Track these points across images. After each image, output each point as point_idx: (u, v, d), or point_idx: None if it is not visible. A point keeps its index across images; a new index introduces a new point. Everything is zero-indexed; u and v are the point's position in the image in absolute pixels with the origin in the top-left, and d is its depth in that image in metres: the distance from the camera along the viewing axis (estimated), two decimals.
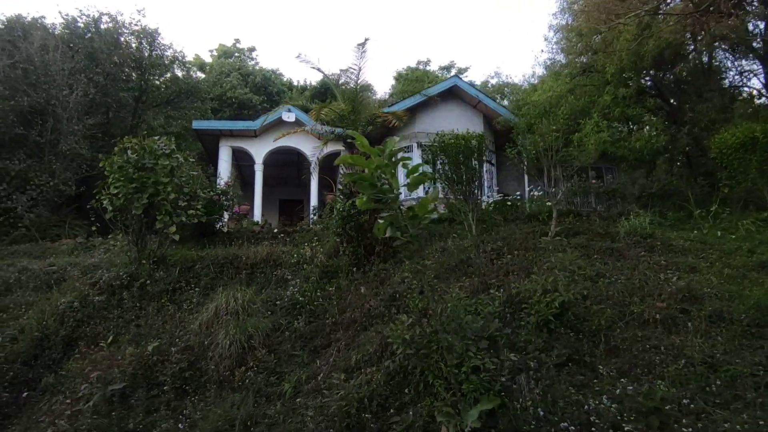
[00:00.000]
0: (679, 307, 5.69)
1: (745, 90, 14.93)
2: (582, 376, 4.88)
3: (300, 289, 7.24)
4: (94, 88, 16.83)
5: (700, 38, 12.13)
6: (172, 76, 21.97)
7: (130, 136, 8.75)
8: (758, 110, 12.25)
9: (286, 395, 5.45)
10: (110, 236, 8.97)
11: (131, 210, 8.01)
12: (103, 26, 18.79)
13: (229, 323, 6.54)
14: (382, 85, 44.77)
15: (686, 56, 12.31)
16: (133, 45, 19.78)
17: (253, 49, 36.38)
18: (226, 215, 11.81)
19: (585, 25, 12.84)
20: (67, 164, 15.00)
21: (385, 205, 1.79)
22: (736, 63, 15.01)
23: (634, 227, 7.91)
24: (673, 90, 14.38)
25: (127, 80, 18.95)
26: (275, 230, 9.97)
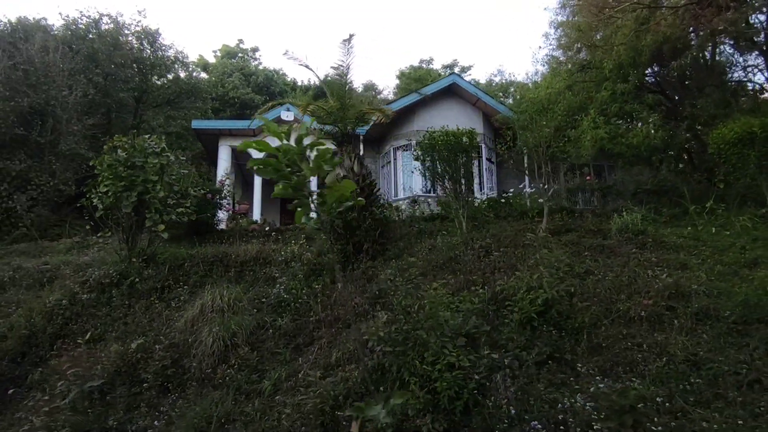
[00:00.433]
0: (666, 305, 5.58)
1: (749, 86, 14.70)
2: (562, 374, 4.80)
3: (286, 287, 7.22)
4: (94, 89, 16.91)
5: (700, 33, 11.92)
6: (174, 76, 22.09)
7: (121, 135, 8.75)
8: (759, 105, 12.00)
9: (266, 393, 5.42)
10: (99, 234, 8.99)
11: (121, 208, 8.03)
12: (103, 27, 18.92)
13: (213, 321, 6.53)
14: (389, 84, 44.65)
15: (685, 51, 12.06)
16: (134, 45, 19.89)
17: (256, 49, 36.55)
18: (222, 214, 11.81)
19: (583, 21, 12.68)
20: (67, 164, 15.09)
21: (298, 192, 1.73)
22: (742, 58, 14.79)
23: (626, 224, 7.77)
24: (675, 85, 14.15)
25: (127, 81, 19.01)
26: (267, 228, 9.94)
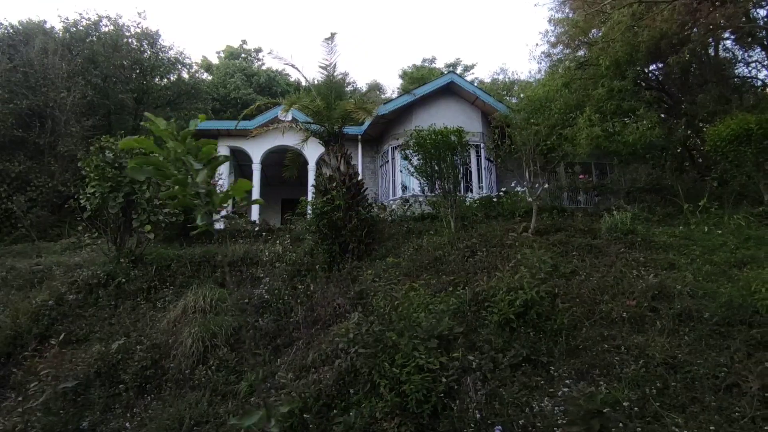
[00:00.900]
0: (649, 306, 5.46)
1: (751, 82, 14.42)
2: (537, 377, 4.70)
3: (269, 288, 7.18)
4: (93, 90, 17.03)
5: (699, 28, 11.70)
6: (175, 77, 22.19)
7: (108, 136, 8.77)
8: (760, 101, 11.75)
9: (242, 394, 5.39)
10: (87, 235, 9.03)
11: (108, 209, 8.04)
12: (103, 29, 19.06)
13: (194, 322, 6.51)
14: (393, 84, 44.65)
15: (683, 47, 11.82)
16: (134, 47, 20.00)
17: (259, 50, 36.60)
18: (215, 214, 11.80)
19: (580, 18, 12.51)
20: (66, 165, 15.20)
21: (185, 192, 1.68)
22: (746, 54, 14.50)
23: (616, 223, 7.62)
24: (676, 82, 13.90)
25: (127, 82, 19.13)
26: (256, 229, 9.93)
